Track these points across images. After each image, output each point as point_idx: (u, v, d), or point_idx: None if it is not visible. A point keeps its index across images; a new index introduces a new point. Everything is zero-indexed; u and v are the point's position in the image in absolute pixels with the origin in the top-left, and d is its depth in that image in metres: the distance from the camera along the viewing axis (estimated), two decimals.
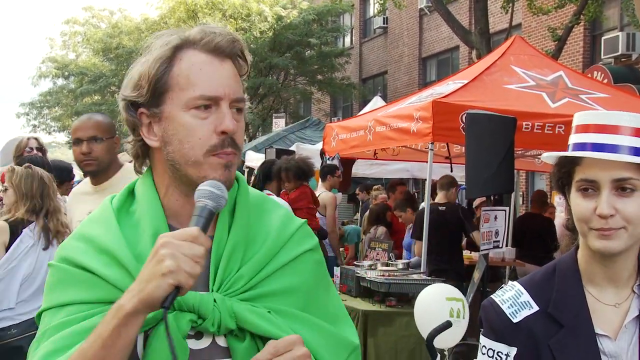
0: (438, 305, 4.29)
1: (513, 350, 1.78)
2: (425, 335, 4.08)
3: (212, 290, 1.53)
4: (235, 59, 1.62)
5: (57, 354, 1.44)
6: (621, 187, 1.67)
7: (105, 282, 1.50)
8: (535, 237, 8.84)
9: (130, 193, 1.66)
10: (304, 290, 1.63)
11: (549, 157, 1.83)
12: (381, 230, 8.57)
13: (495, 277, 8.07)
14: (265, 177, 6.09)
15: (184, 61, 1.55)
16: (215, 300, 1.49)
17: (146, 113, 1.57)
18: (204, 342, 1.52)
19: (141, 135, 1.60)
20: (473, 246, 8.12)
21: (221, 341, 1.53)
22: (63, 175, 6.31)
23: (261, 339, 1.53)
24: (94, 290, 1.50)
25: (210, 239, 1.54)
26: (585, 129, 1.74)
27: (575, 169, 1.75)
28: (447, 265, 7.46)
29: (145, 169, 1.68)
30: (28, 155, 5.77)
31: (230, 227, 1.59)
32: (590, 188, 1.70)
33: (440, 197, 8.01)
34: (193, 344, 1.51)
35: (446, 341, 4.08)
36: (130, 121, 1.60)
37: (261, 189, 5.99)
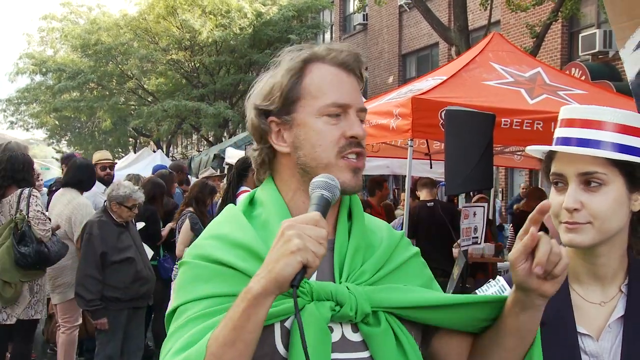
0: None
1: None
2: None
3: (340, 283, 1.60)
4: (357, 74, 1.73)
5: (194, 344, 1.49)
6: (588, 182, 1.67)
7: (242, 275, 1.55)
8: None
9: (250, 202, 1.75)
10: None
11: (532, 150, 1.85)
12: None
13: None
14: (240, 175, 6.06)
15: (314, 73, 1.67)
16: (348, 288, 1.58)
17: (276, 121, 1.69)
18: (335, 336, 1.58)
19: (270, 142, 1.71)
20: None
21: (350, 335, 1.59)
22: None
23: (396, 323, 1.61)
24: (231, 283, 1.56)
25: (332, 241, 1.64)
26: (568, 123, 1.74)
27: (552, 164, 1.75)
28: (434, 264, 7.45)
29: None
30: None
31: (350, 231, 1.68)
32: (560, 182, 1.71)
33: (425, 195, 8.00)
34: None
35: None
36: (259, 129, 1.72)
37: (237, 186, 5.95)
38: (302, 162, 1.65)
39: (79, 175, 6.96)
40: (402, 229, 7.03)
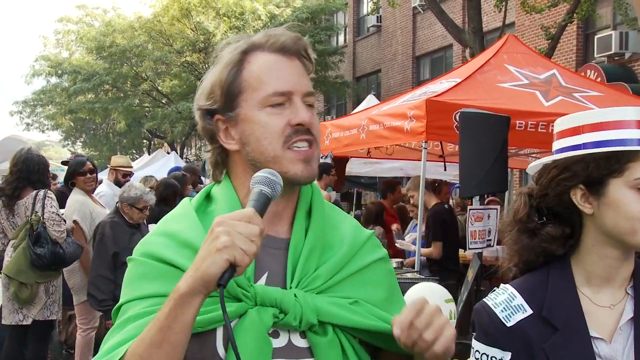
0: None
1: (507, 355, 1.74)
2: None
3: (290, 288, 1.55)
4: (301, 57, 1.65)
5: (127, 342, 1.44)
6: None
7: None
8: None
9: (207, 197, 1.69)
10: (374, 302, 1.65)
11: (596, 151, 1.72)
12: (378, 230, 8.56)
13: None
14: None
15: (252, 63, 1.59)
16: (295, 296, 1.52)
17: (222, 119, 1.61)
18: (281, 342, 1.54)
19: (219, 141, 1.63)
20: None
21: (297, 341, 1.55)
22: None
23: (344, 334, 1.56)
24: (176, 283, 1.48)
25: (287, 240, 1.60)
26: (627, 124, 1.71)
27: (629, 166, 1.70)
28: (454, 266, 7.40)
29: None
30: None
31: (307, 230, 1.62)
32: None
33: (435, 198, 7.95)
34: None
35: None
36: (207, 130, 1.64)
37: None
38: (251, 158, 1.59)
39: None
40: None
